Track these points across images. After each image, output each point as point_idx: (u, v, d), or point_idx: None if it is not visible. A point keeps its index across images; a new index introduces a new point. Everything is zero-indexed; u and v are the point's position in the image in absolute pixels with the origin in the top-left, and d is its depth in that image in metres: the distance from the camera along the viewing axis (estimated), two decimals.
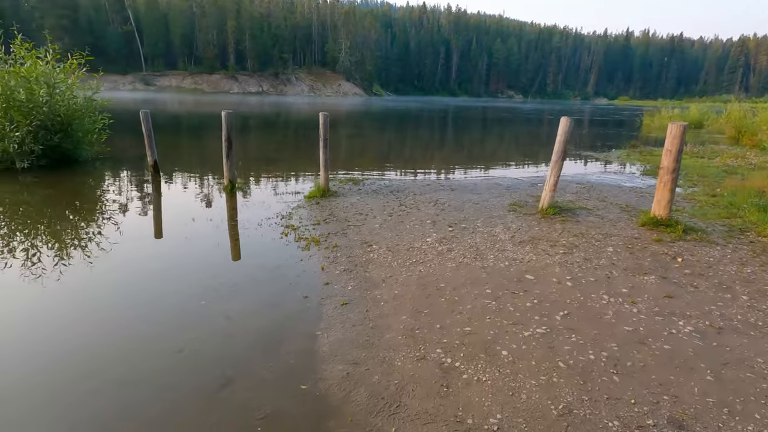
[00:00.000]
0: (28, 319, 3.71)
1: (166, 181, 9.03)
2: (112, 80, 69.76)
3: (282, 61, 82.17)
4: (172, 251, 5.34)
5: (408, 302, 3.94)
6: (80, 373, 3.01)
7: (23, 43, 9.51)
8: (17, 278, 4.43)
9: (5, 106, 8.89)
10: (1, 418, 2.61)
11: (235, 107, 39.70)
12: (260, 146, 16.28)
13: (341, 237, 5.63)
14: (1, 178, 8.60)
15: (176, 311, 3.85)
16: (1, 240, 5.54)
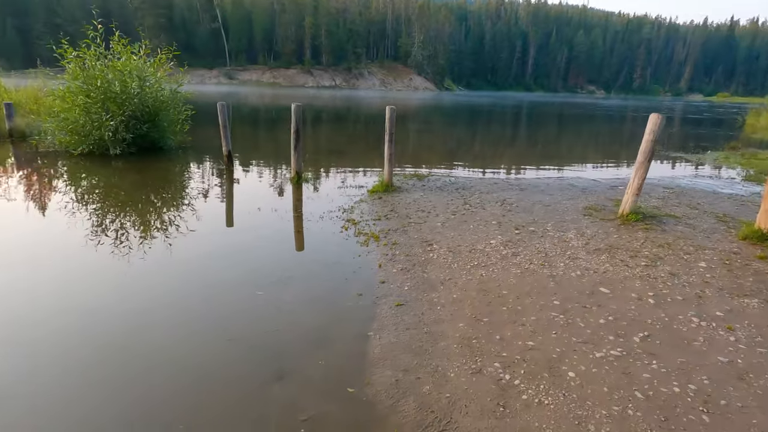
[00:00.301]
0: (104, 293, 3.95)
1: (238, 171, 9.41)
2: (200, 74, 74.80)
3: (355, 56, 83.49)
4: (238, 240, 5.50)
5: (466, 308, 3.72)
6: (138, 351, 3.13)
7: (121, 39, 10.32)
8: (107, 254, 4.76)
9: (103, 98, 9.70)
10: (68, 379, 2.76)
11: (309, 101, 40.95)
12: (329, 139, 16.55)
13: (401, 234, 5.48)
14: (98, 162, 9.43)
15: (234, 299, 3.92)
16: (95, 218, 6.02)
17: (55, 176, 8.57)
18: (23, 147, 10.97)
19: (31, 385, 2.78)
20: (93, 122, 9.64)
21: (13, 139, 11.67)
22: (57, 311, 3.65)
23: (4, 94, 13.33)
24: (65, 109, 9.76)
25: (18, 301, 3.79)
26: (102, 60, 10.11)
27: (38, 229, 5.69)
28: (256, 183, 8.48)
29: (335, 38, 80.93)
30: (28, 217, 6.10)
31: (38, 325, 3.44)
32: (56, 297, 3.89)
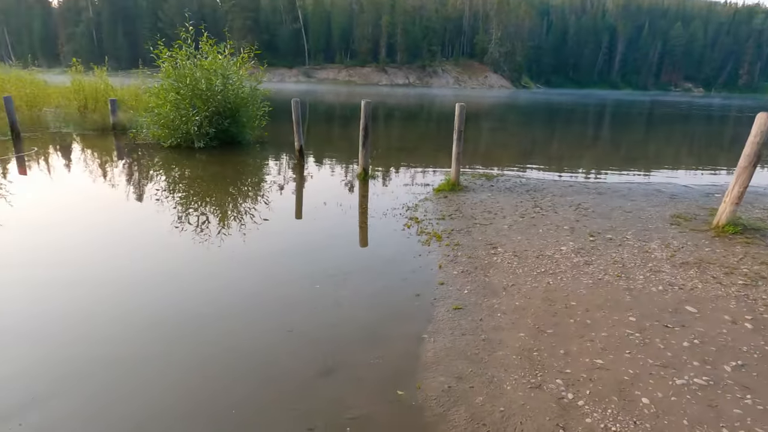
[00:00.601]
0: (183, 276, 4.22)
1: (309, 165, 9.69)
2: (280, 73, 78.43)
3: (430, 54, 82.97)
4: (305, 232, 5.65)
5: (529, 317, 3.50)
6: (204, 336, 3.29)
7: (209, 40, 11.03)
8: (188, 240, 5.10)
9: (191, 95, 10.44)
10: (143, 349, 2.97)
11: (382, 98, 41.36)
12: (400, 136, 16.58)
13: (465, 235, 5.31)
14: (184, 154, 10.17)
15: (295, 291, 4.00)
16: (180, 207, 6.48)
17: (148, 166, 9.37)
18: (123, 139, 12.12)
19: (109, 349, 3.02)
20: (181, 117, 10.41)
21: (115, 132, 12.95)
22: (137, 291, 3.95)
23: (111, 92, 14.81)
24: (158, 105, 10.63)
25: (106, 279, 4.16)
26: (191, 59, 10.87)
27: (133, 212, 6.25)
28: (325, 178, 8.68)
29: (410, 36, 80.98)
30: (125, 202, 6.71)
31: (123, 302, 3.75)
32: (139, 277, 4.22)
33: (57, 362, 2.94)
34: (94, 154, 10.70)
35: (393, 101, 38.98)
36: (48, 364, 2.91)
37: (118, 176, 8.46)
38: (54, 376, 2.79)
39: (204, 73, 10.58)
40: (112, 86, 15.45)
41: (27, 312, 3.54)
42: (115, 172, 8.81)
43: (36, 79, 17.11)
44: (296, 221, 6.13)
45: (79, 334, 3.28)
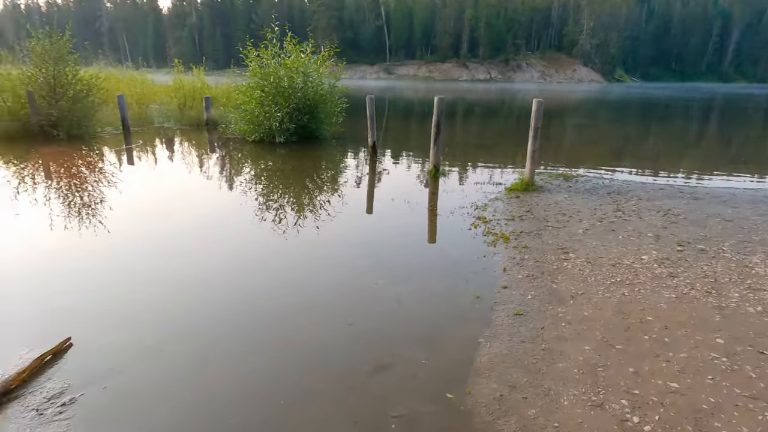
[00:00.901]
0: (262, 263, 4.49)
1: (381, 161, 9.81)
2: (362, 70, 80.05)
3: (514, 47, 79.88)
4: (373, 227, 5.77)
5: (597, 330, 3.26)
6: (264, 321, 3.47)
7: (292, 39, 11.56)
8: (268, 230, 5.43)
9: (274, 92, 11.02)
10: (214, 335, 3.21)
11: (462, 94, 40.69)
12: (476, 133, 16.22)
13: (534, 238, 5.07)
14: (266, 149, 10.79)
15: (358, 285, 4.08)
16: (262, 198, 6.91)
17: (234, 159, 10.07)
18: (214, 133, 13.13)
19: (186, 330, 3.30)
20: (265, 113, 11.03)
21: (208, 127, 14.06)
22: (215, 275, 4.28)
23: (206, 90, 16.07)
24: (245, 102, 11.35)
25: (190, 260, 4.55)
26: (276, 59, 11.46)
27: (220, 201, 6.78)
28: (396, 174, 8.74)
29: (494, 29, 78.54)
30: (213, 192, 7.30)
31: (200, 283, 4.08)
32: (221, 262, 4.56)
33: (145, 336, 3.27)
34: (188, 147, 11.71)
35: (473, 97, 38.19)
36: (141, 338, 3.25)
37: (208, 168, 9.20)
38: (142, 348, 3.11)
39: (287, 72, 11.10)
40: (207, 85, 16.77)
41: (128, 287, 3.97)
42: (206, 164, 9.58)
43: (145, 79, 19.05)
44: (366, 216, 6.25)
45: (162, 309, 3.62)
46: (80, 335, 3.18)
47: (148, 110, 15.73)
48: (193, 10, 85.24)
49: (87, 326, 3.33)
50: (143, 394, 2.66)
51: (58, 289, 3.92)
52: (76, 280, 4.12)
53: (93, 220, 5.74)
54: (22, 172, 8.47)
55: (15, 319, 3.42)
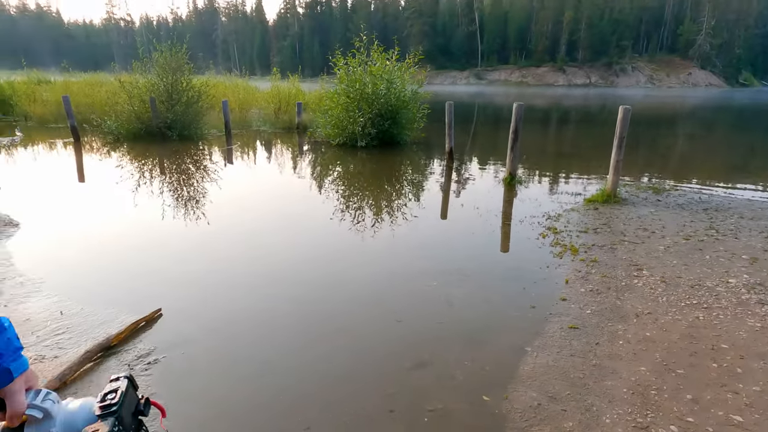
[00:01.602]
0: (339, 258, 4.83)
1: (458, 167, 9.82)
2: (452, 76, 79.69)
3: (619, 50, 74.27)
4: (445, 231, 5.90)
5: (658, 351, 3.06)
6: (325, 311, 3.74)
7: (378, 47, 12.00)
8: (346, 229, 5.80)
9: (358, 98, 11.53)
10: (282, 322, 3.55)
11: (557, 100, 38.93)
12: (563, 140, 15.50)
13: (606, 252, 4.82)
14: (348, 152, 11.33)
15: (415, 285, 4.22)
16: (341, 198, 7.35)
17: (319, 160, 10.73)
18: (303, 137, 14.03)
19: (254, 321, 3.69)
20: (349, 118, 11.57)
21: (298, 130, 15.05)
22: (290, 266, 4.68)
23: (300, 96, 17.21)
24: (331, 107, 12.00)
25: (279, 252, 5.01)
26: (363, 66, 11.97)
27: (305, 198, 7.35)
28: (473, 180, 8.72)
29: (596, 31, 73.71)
30: (299, 190, 7.90)
31: (273, 281, 4.49)
32: (298, 254, 4.97)
33: (222, 315, 3.71)
34: (279, 148, 12.67)
35: (569, 103, 36.38)
36: (219, 316, 3.70)
37: (295, 168, 9.93)
38: (218, 325, 3.54)
39: (371, 78, 11.55)
40: (301, 91, 17.95)
41: (214, 271, 4.51)
42: (293, 164, 10.34)
43: (248, 86, 20.85)
44: (439, 221, 6.36)
45: (240, 293, 4.06)
46: (169, 308, 3.70)
47: (249, 114, 17.21)
48: (295, 21, 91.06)
49: (176, 301, 3.85)
50: (213, 363, 3.05)
51: (156, 267, 4.56)
52: (172, 261, 4.75)
53: (194, 210, 6.52)
54: (142, 166, 9.80)
55: (120, 290, 4.05)
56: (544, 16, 78.28)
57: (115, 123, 12.63)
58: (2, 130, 14.59)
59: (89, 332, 3.26)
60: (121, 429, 0.69)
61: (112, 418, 0.68)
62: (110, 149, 11.73)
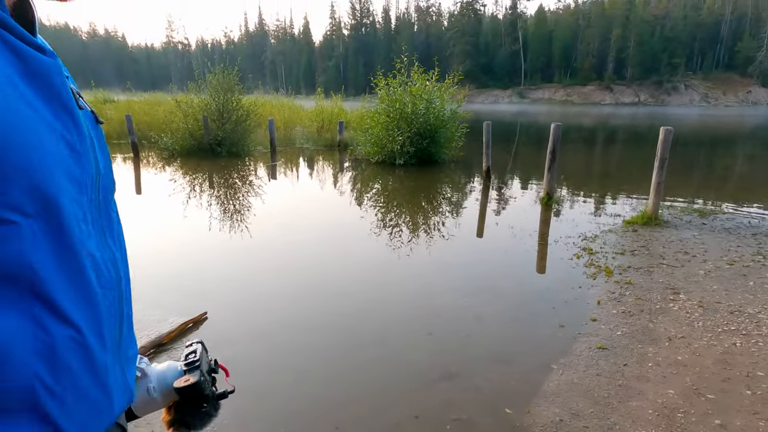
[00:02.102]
0: (373, 273, 5.04)
1: (495, 186, 9.85)
2: (494, 94, 79.35)
3: (670, 68, 71.63)
4: (480, 250, 6.00)
5: (689, 376, 3.03)
6: (361, 321, 3.92)
7: (418, 68, 12.31)
8: (383, 244, 6.01)
9: (398, 117, 11.83)
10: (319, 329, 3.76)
11: (603, 119, 38.07)
12: (606, 160, 15.16)
13: (642, 275, 4.75)
14: (386, 169, 11.60)
15: (447, 300, 4.33)
16: (380, 215, 7.59)
17: (358, 177, 11.06)
18: (344, 154, 14.47)
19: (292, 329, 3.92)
20: (388, 137, 11.88)
21: (339, 148, 15.52)
22: (328, 279, 4.91)
23: (342, 115, 17.78)
24: (371, 126, 12.36)
25: (321, 263, 5.28)
26: (403, 86, 12.30)
27: (344, 214, 7.65)
28: (510, 199, 8.74)
29: (646, 49, 71.53)
30: (339, 206, 8.22)
31: (318, 291, 4.74)
32: (336, 267, 5.21)
33: (263, 322, 3.97)
34: (321, 165, 13.14)
35: (616, 122, 35.48)
36: (259, 324, 3.96)
37: (334, 184, 10.31)
38: (259, 332, 3.80)
39: (411, 98, 11.85)
40: (343, 110, 18.54)
41: (257, 281, 4.81)
42: (333, 181, 10.72)
43: (293, 105, 21.75)
44: (475, 239, 6.46)
45: (280, 303, 4.31)
46: (214, 312, 3.99)
47: (293, 132, 17.93)
48: (340, 42, 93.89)
49: (221, 306, 4.14)
50: (252, 368, 3.28)
51: (204, 274, 4.91)
52: (219, 269, 5.10)
53: (240, 222, 6.94)
54: (193, 180, 10.45)
55: (171, 294, 4.40)
56: (590, 34, 76.91)
57: (171, 140, 13.52)
58: None
59: (144, 330, 3.59)
60: (205, 379, 0.86)
61: (198, 370, 0.87)
62: (165, 164, 12.57)
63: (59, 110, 0.54)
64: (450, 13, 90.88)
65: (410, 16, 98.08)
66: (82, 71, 77.92)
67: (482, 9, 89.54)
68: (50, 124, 0.53)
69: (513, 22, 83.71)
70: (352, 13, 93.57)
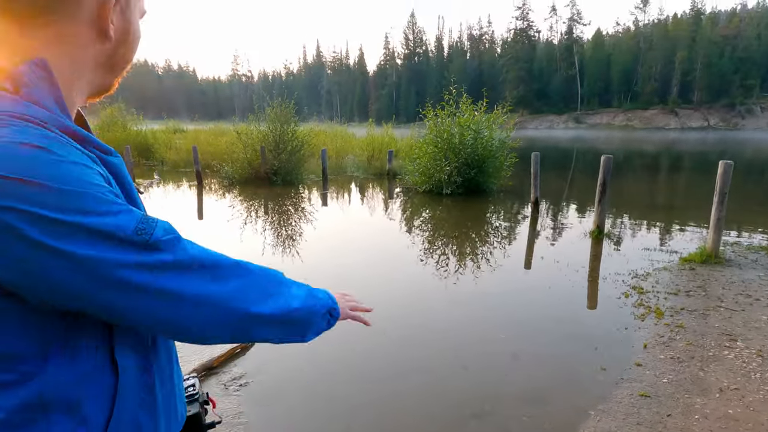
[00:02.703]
0: (422, 302, 5.16)
1: (544, 217, 9.68)
2: (549, 120, 77.79)
3: (743, 90, 67.19)
4: (521, 282, 5.96)
5: (739, 430, 2.85)
6: (398, 352, 4.01)
7: (467, 99, 12.47)
8: (429, 274, 6.13)
9: (446, 148, 11.98)
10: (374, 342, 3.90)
11: (668, 145, 36.31)
12: (667, 190, 14.42)
13: (696, 318, 4.51)
14: (434, 199, 11.73)
15: (485, 334, 4.34)
16: (427, 243, 7.73)
17: (406, 206, 11.26)
18: (393, 183, 14.77)
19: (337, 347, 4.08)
20: (436, 166, 12.03)
21: (388, 177, 15.85)
22: (374, 305, 5.06)
23: (392, 144, 18.20)
24: (420, 155, 12.59)
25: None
26: (452, 117, 12.49)
27: (393, 242, 7.89)
28: (557, 231, 8.56)
29: (715, 71, 67.73)
30: (388, 233, 8.46)
31: None
32: (382, 293, 5.36)
33: (307, 349, 4.16)
34: (370, 193, 13.49)
35: (684, 147, 33.77)
36: (304, 350, 4.16)
37: (383, 212, 10.56)
38: (303, 358, 4.00)
39: (459, 129, 11.99)
40: (394, 138, 18.98)
41: None
42: (381, 209, 10.99)
43: (346, 133, 22.53)
44: (521, 272, 6.41)
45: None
46: None
47: (344, 160, 18.54)
48: (393, 71, 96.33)
49: None
50: (295, 392, 3.46)
51: None
52: None
53: (291, 247, 7.31)
54: (250, 207, 11.09)
55: None
56: (651, 57, 74.11)
57: (231, 168, 14.43)
58: (145, 173, 17.36)
59: (198, 353, 3.88)
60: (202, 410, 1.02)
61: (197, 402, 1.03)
62: (225, 191, 13.42)
63: (127, 191, 0.74)
64: (503, 40, 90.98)
65: (463, 44, 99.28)
66: (158, 103, 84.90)
67: (536, 35, 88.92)
68: None
69: (569, 47, 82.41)
70: (405, 43, 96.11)
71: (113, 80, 0.79)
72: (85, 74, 0.72)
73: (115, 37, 0.72)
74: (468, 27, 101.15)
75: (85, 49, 0.70)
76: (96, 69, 0.73)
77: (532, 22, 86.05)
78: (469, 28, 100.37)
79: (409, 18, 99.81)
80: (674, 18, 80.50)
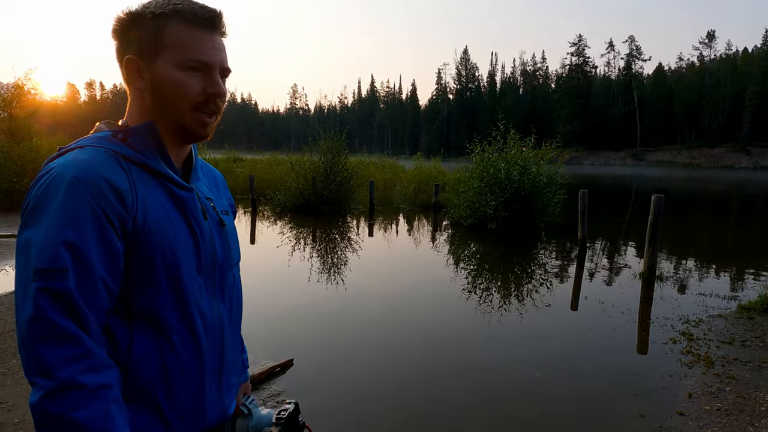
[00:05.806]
0: (463, 339, 5.23)
1: (591, 257, 9.42)
2: (606, 156, 75.37)
3: None
4: (558, 323, 5.81)
5: None
6: (436, 386, 4.08)
7: (514, 135, 12.53)
8: (471, 309, 6.17)
9: (491, 182, 12.03)
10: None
11: (737, 185, 34.11)
12: (730, 233, 13.55)
13: (750, 370, 4.25)
14: (479, 233, 11.73)
15: (520, 373, 4.31)
16: (470, 278, 7.77)
17: (450, 240, 11.33)
18: (439, 215, 14.89)
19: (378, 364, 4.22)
20: (481, 201, 12.07)
21: (434, 210, 16.00)
22: (414, 335, 5.18)
23: (440, 177, 18.40)
24: (465, 190, 12.69)
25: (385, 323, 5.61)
26: (499, 153, 12.56)
27: (436, 274, 8.04)
28: (604, 272, 8.31)
29: None
30: (432, 267, 8.58)
31: (394, 348, 5.04)
32: (422, 323, 5.49)
33: (346, 371, 4.33)
34: (415, 225, 13.68)
35: (754, 189, 31.54)
36: (343, 372, 4.34)
37: (427, 245, 10.70)
38: (341, 380, 4.16)
39: (505, 165, 12.03)
40: (442, 171, 19.19)
41: (344, 332, 5.26)
42: (425, 242, 11.14)
43: (395, 165, 23.05)
44: (566, 311, 6.28)
45: (366, 354, 4.66)
46: (301, 358, 4.45)
47: (392, 192, 18.93)
48: (444, 105, 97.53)
49: (307, 353, 4.60)
50: (332, 412, 3.61)
51: (297, 321, 5.47)
52: (311, 318, 5.64)
53: (335, 275, 7.59)
54: (299, 234, 11.58)
55: (264, 339, 4.99)
56: (718, 93, 70.51)
57: (283, 197, 15.15)
58: None
59: None
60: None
61: (281, 426, 1.11)
62: (277, 218, 14.08)
63: (191, 221, 0.98)
64: (558, 75, 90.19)
65: (516, 79, 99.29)
66: (220, 133, 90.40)
67: (592, 71, 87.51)
68: (184, 229, 0.96)
69: (627, 82, 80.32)
70: (458, 77, 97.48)
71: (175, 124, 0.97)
72: (160, 124, 0.96)
73: (145, 88, 0.95)
74: (522, 63, 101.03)
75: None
76: (152, 116, 0.96)
77: (589, 58, 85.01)
78: (522, 63, 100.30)
79: (462, 54, 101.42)
80: (744, 52, 76.85)
